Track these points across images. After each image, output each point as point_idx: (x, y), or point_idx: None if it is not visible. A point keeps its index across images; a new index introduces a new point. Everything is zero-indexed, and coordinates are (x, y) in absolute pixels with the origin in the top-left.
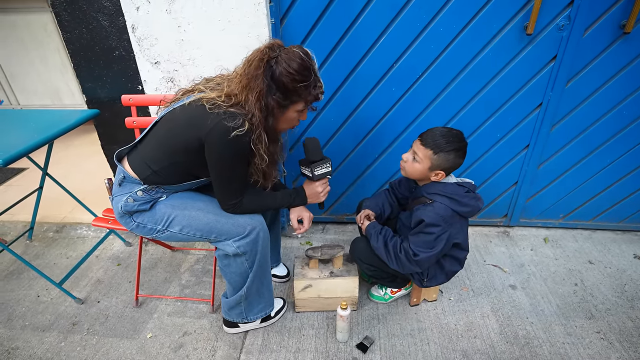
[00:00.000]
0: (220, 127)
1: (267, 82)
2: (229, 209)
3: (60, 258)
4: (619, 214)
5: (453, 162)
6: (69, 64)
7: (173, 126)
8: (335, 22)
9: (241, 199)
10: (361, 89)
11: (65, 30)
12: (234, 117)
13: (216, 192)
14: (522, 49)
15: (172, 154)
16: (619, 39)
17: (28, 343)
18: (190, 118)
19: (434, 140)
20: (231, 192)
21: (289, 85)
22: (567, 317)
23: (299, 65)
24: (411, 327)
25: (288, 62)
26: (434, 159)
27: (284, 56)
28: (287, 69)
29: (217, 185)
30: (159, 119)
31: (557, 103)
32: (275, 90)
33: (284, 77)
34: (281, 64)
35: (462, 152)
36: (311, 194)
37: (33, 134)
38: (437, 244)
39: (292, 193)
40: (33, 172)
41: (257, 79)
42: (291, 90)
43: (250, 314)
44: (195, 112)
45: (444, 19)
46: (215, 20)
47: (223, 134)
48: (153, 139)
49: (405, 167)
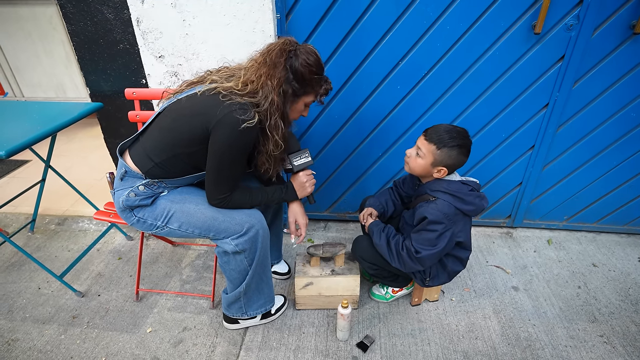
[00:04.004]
0: (229, 118)
1: (287, 70)
2: (217, 203)
3: (61, 251)
4: (624, 216)
5: (456, 159)
6: (74, 57)
7: (178, 116)
8: (341, 18)
9: (231, 194)
10: (366, 86)
11: (70, 23)
12: (245, 110)
13: (207, 185)
14: (529, 49)
15: (175, 144)
16: (628, 40)
17: (28, 335)
18: (199, 107)
19: (438, 135)
20: (223, 185)
21: (306, 76)
22: (569, 320)
23: (316, 59)
24: (412, 327)
25: (307, 55)
26: (437, 155)
27: (302, 50)
28: (306, 60)
29: (211, 178)
30: (161, 110)
31: (563, 104)
32: (292, 79)
33: (303, 67)
34: (300, 56)
35: (465, 150)
36: (297, 186)
37: (36, 126)
38: (439, 241)
39: (283, 187)
40: (36, 164)
41: (278, 66)
42: (308, 80)
43: (250, 310)
44: (205, 101)
45: (451, 16)
46: (220, 14)
47: (233, 125)
48: (156, 131)
49: (408, 163)
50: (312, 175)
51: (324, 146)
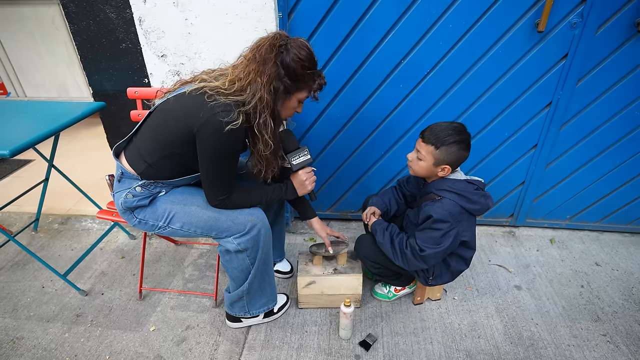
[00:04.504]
0: (213, 121)
1: (278, 66)
2: (217, 204)
3: (65, 250)
4: (628, 216)
5: (457, 155)
6: (76, 57)
7: (166, 117)
8: (343, 17)
9: (229, 195)
10: (368, 85)
11: (73, 22)
12: (228, 112)
13: (204, 187)
14: (532, 47)
15: (165, 145)
16: (632, 38)
17: (33, 333)
18: (184, 108)
19: (434, 135)
20: (219, 187)
21: (298, 71)
22: (572, 319)
23: (308, 53)
24: (414, 325)
25: (298, 49)
26: (437, 154)
27: (293, 44)
28: (298, 55)
29: (205, 180)
30: (152, 110)
31: (567, 102)
32: (284, 75)
33: (295, 62)
34: (291, 50)
35: (465, 144)
36: (297, 185)
37: (40, 126)
38: (444, 240)
39: (282, 186)
40: (39, 163)
41: (268, 62)
42: (300, 76)
43: (253, 309)
44: (191, 102)
45: (454, 14)
46: (222, 13)
47: (215, 129)
48: (147, 131)
49: (412, 167)
50: (312, 173)
51: (326, 145)
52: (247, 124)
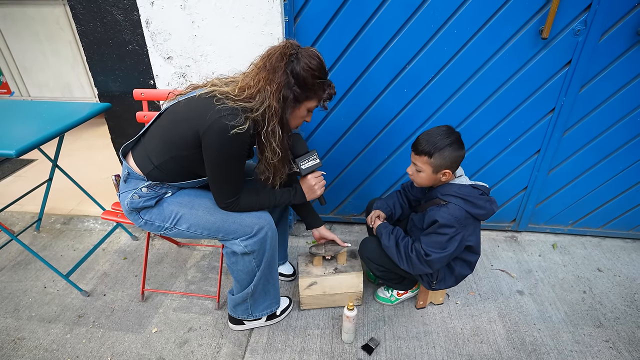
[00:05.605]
0: (218, 124)
1: (288, 75)
2: (225, 207)
3: (67, 250)
4: (630, 222)
5: (453, 157)
6: (80, 57)
7: (175, 118)
8: (349, 21)
9: (238, 198)
10: (372, 89)
11: (80, 23)
12: (235, 115)
13: (212, 190)
14: (536, 53)
15: (172, 146)
16: (635, 46)
17: (34, 334)
18: (193, 111)
19: (424, 144)
20: (227, 190)
21: (308, 81)
22: (575, 325)
23: (318, 63)
24: (417, 329)
25: (308, 59)
26: (433, 162)
27: (304, 53)
28: (308, 64)
29: (212, 183)
30: (162, 111)
31: (570, 108)
32: (294, 84)
33: (305, 71)
34: (302, 60)
35: (457, 145)
36: (306, 189)
37: (46, 126)
38: (449, 245)
39: (291, 190)
40: (42, 163)
41: (278, 70)
42: (310, 85)
43: (256, 311)
44: (200, 105)
45: (459, 20)
46: (229, 16)
47: (221, 131)
48: (155, 132)
49: (414, 180)
50: (322, 177)
51: (330, 148)
52: (255, 131)
